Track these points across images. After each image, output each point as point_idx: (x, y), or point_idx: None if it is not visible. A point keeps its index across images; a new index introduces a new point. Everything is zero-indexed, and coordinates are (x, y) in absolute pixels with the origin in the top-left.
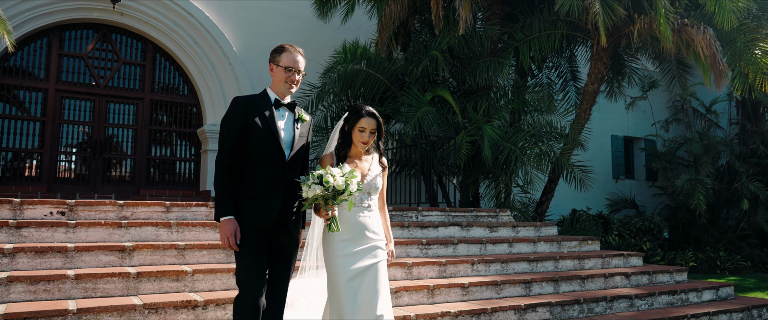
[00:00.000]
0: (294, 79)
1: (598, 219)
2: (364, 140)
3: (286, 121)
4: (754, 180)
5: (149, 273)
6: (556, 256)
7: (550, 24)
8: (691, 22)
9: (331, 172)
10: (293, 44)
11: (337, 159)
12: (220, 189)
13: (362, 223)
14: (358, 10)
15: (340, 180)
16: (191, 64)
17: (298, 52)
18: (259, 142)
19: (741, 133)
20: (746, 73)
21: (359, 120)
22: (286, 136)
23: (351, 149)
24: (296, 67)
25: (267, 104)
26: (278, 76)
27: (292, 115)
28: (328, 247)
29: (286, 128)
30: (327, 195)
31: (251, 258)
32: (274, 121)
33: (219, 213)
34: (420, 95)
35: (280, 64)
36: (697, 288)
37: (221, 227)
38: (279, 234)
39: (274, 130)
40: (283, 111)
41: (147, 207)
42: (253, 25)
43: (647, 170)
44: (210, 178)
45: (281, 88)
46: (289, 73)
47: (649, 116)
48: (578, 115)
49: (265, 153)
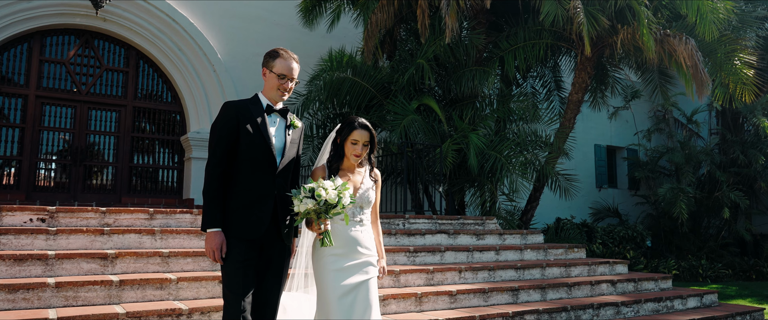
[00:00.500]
0: (287, 86)
1: (582, 227)
2: (356, 153)
3: (278, 128)
4: (735, 189)
5: (132, 280)
6: (543, 264)
7: (535, 34)
8: (673, 33)
9: (323, 185)
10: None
11: (329, 171)
12: (210, 198)
13: (354, 238)
14: (344, 19)
15: (332, 194)
16: (175, 71)
17: (292, 59)
18: (249, 148)
19: (721, 142)
20: (727, 83)
21: (352, 132)
22: (277, 142)
23: (343, 162)
24: (290, 74)
25: (258, 110)
26: (271, 83)
27: (283, 121)
28: (319, 261)
29: (278, 134)
30: (319, 209)
31: (239, 271)
32: (265, 127)
33: (206, 224)
34: (406, 103)
35: (273, 70)
36: (682, 296)
37: (207, 239)
38: (270, 244)
39: (265, 137)
40: (275, 117)
41: (130, 214)
42: (238, 32)
43: (630, 179)
44: (194, 187)
45: (272, 95)
46: (282, 81)
47: (631, 126)
48: (563, 124)
49: (255, 160)
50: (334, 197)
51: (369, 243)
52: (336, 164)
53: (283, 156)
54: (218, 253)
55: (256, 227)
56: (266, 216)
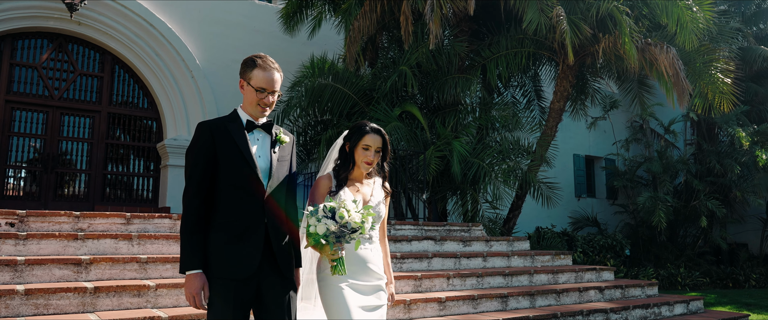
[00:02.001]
0: (268, 101)
1: (563, 236)
2: (368, 159)
3: (260, 145)
4: (711, 198)
5: (108, 287)
6: (531, 270)
7: (517, 42)
8: (654, 42)
9: (346, 206)
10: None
11: (337, 182)
12: (187, 234)
13: (363, 257)
14: (325, 26)
15: (356, 217)
16: (152, 77)
17: (273, 69)
18: (231, 174)
19: (697, 152)
20: (705, 92)
21: (363, 137)
22: (262, 163)
23: (352, 171)
24: (271, 87)
25: (238, 128)
26: (250, 97)
27: (267, 138)
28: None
29: (262, 153)
30: (339, 232)
31: (227, 317)
32: (247, 147)
33: (184, 265)
34: (389, 110)
35: (251, 83)
36: (669, 302)
37: (186, 283)
38: (267, 282)
39: (247, 159)
40: (258, 133)
41: (106, 219)
42: (218, 38)
43: (608, 189)
44: (170, 194)
45: (252, 110)
46: (262, 95)
47: (609, 136)
48: (545, 132)
49: (239, 186)
50: (359, 221)
51: (378, 263)
52: (344, 173)
53: (271, 177)
54: (198, 299)
55: (245, 264)
56: (257, 251)
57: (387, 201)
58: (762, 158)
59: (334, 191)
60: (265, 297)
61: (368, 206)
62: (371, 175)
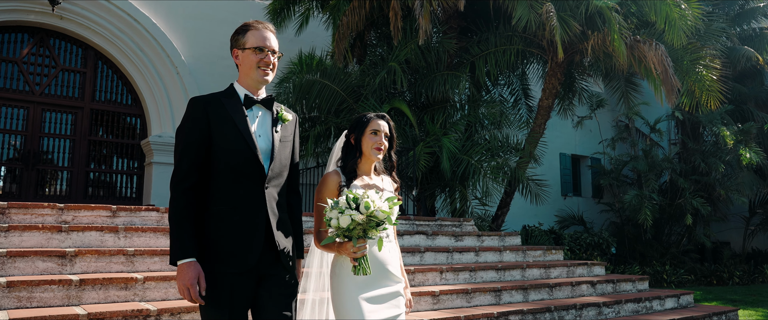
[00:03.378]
0: (269, 60)
1: (550, 234)
2: (378, 144)
3: (261, 123)
4: (696, 196)
5: (94, 280)
6: (523, 265)
7: (506, 39)
8: (643, 39)
9: (368, 194)
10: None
11: (346, 176)
12: (177, 222)
13: (382, 260)
14: (313, 22)
15: (383, 205)
16: (136, 73)
17: (266, 29)
18: (228, 155)
19: (682, 151)
20: (693, 90)
21: (369, 123)
22: (263, 143)
23: (360, 162)
24: (268, 45)
25: (235, 103)
26: (247, 62)
27: (268, 114)
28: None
29: (262, 132)
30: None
31: (224, 313)
32: (245, 124)
33: (175, 255)
34: (377, 106)
35: (246, 47)
36: (660, 297)
37: (179, 274)
38: (269, 275)
39: (246, 138)
40: (257, 109)
41: (91, 211)
42: (203, 34)
43: (594, 187)
44: (154, 193)
45: (253, 78)
46: (262, 55)
47: (595, 135)
48: (533, 129)
49: (237, 169)
50: (386, 209)
51: (396, 264)
52: (352, 166)
53: (272, 159)
54: (194, 290)
55: (245, 255)
56: (258, 241)
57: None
58: (746, 157)
59: (343, 186)
60: (265, 291)
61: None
62: (378, 172)
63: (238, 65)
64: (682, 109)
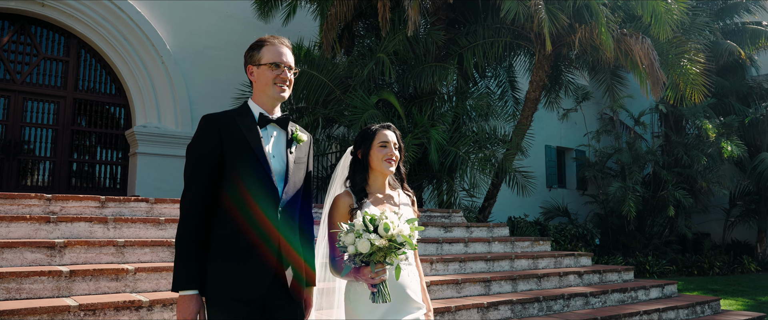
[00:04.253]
0: (285, 76)
1: (536, 225)
2: (389, 155)
3: (276, 143)
4: (679, 188)
5: (84, 271)
6: (512, 256)
7: (494, 31)
8: (629, 32)
9: (386, 215)
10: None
11: (357, 197)
12: (184, 246)
13: (401, 284)
14: (300, 12)
15: (404, 228)
16: (120, 62)
17: (282, 44)
18: (240, 176)
19: (665, 143)
20: (678, 83)
21: (376, 135)
22: (277, 164)
23: (370, 178)
24: (284, 60)
25: (249, 123)
26: (263, 79)
27: (283, 134)
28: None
29: (276, 153)
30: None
31: None
32: (259, 144)
33: (177, 284)
34: (366, 97)
35: (262, 63)
36: (645, 287)
37: (180, 305)
38: (276, 307)
39: (260, 159)
40: (272, 129)
41: (79, 202)
42: (189, 23)
43: (578, 179)
44: (139, 183)
45: (269, 95)
46: (278, 71)
47: (580, 127)
48: (520, 121)
49: (249, 191)
50: (406, 232)
51: (417, 288)
52: (361, 184)
53: (287, 182)
54: None
55: (253, 284)
56: (268, 269)
57: (415, 211)
58: (727, 150)
59: (355, 208)
60: None
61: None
62: (392, 186)
63: (252, 82)
64: (666, 102)
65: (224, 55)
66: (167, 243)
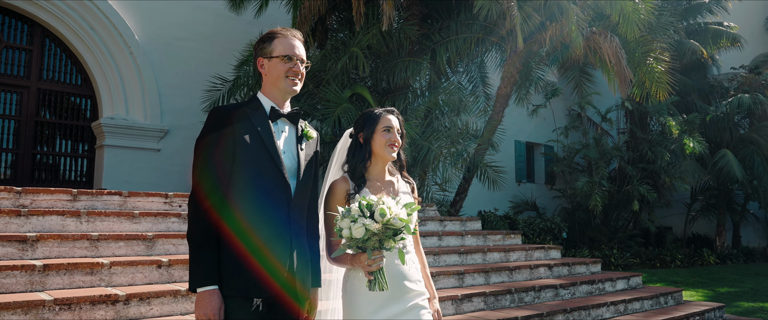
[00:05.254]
0: (298, 70)
1: (505, 219)
2: (392, 140)
3: (287, 140)
4: (643, 183)
5: (58, 265)
6: (484, 249)
7: (467, 27)
8: (598, 31)
9: (383, 200)
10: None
11: (355, 183)
12: (198, 243)
13: (399, 272)
14: (273, 5)
15: (401, 212)
16: (87, 52)
17: (295, 37)
18: (252, 172)
19: (630, 140)
20: (644, 81)
21: (380, 119)
22: (288, 161)
23: (370, 164)
24: (297, 53)
25: (261, 117)
26: (274, 72)
27: (293, 130)
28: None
29: (287, 149)
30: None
31: None
32: (272, 140)
33: (197, 281)
34: (339, 91)
35: (273, 55)
36: (612, 279)
37: (199, 302)
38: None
39: (273, 156)
40: (283, 124)
41: (50, 195)
42: (158, 14)
43: (547, 174)
44: (106, 176)
45: (280, 89)
46: (290, 64)
47: (549, 123)
48: (492, 117)
49: (262, 188)
50: (404, 217)
51: (417, 276)
52: (361, 170)
53: (299, 180)
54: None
55: (267, 281)
56: (279, 267)
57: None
58: (689, 146)
59: (353, 193)
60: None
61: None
62: (391, 172)
63: (262, 75)
64: (632, 99)
65: (194, 47)
66: (142, 237)
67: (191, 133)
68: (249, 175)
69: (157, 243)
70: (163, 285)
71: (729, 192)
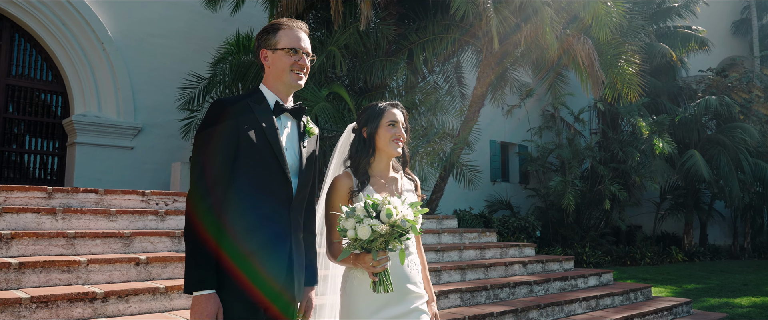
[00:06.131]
0: (303, 63)
1: (480, 218)
2: (397, 135)
3: (289, 136)
4: (614, 183)
5: (34, 263)
6: (460, 246)
7: (444, 28)
8: (572, 33)
9: (389, 200)
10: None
11: (359, 179)
12: (197, 244)
13: (402, 273)
14: (250, 3)
15: (407, 212)
16: (58, 48)
17: (300, 29)
18: (254, 168)
19: (602, 140)
20: (615, 82)
21: (385, 114)
22: (290, 158)
23: (374, 160)
24: (303, 45)
25: (264, 110)
26: (279, 65)
27: (296, 126)
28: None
29: (289, 146)
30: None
31: None
32: (277, 139)
33: (193, 284)
34: (316, 90)
35: (278, 47)
36: (584, 275)
37: (196, 307)
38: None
39: (277, 154)
40: (286, 120)
41: (24, 192)
42: (132, 10)
43: (521, 173)
44: (77, 174)
45: (284, 83)
46: (296, 57)
47: (524, 123)
48: (467, 117)
49: (263, 186)
50: (411, 217)
51: (418, 278)
52: (365, 166)
53: (300, 178)
54: None
55: (267, 282)
56: (282, 266)
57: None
58: (659, 146)
59: (356, 190)
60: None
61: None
62: (395, 168)
63: (266, 67)
64: (604, 100)
65: (169, 44)
66: (120, 235)
67: (165, 131)
68: (251, 173)
69: (134, 241)
70: (142, 283)
71: (696, 192)
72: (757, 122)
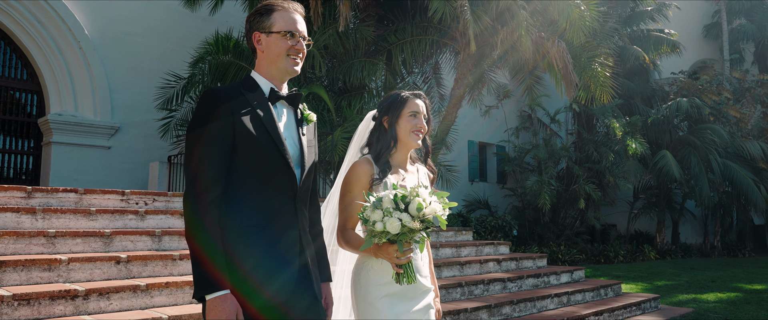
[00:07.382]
0: (300, 47)
1: (458, 217)
2: (418, 127)
3: (287, 125)
4: (589, 183)
5: (15, 262)
6: (436, 245)
7: (422, 30)
8: (547, 36)
9: (418, 192)
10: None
11: (380, 167)
12: (204, 243)
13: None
14: (229, 2)
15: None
16: (33, 46)
17: (296, 11)
18: (254, 161)
19: (578, 140)
20: (589, 85)
21: (407, 103)
22: (290, 147)
23: (395, 150)
24: (299, 28)
25: (259, 98)
26: (274, 49)
27: (292, 113)
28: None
29: (288, 135)
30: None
31: None
32: (275, 128)
33: (204, 286)
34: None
35: (273, 30)
36: (557, 272)
37: (212, 310)
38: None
39: (276, 142)
40: (281, 107)
41: (3, 192)
42: (109, 8)
43: (499, 173)
44: (53, 174)
45: (280, 68)
46: (292, 41)
47: (501, 124)
48: (446, 117)
49: (266, 179)
50: (440, 211)
51: (426, 270)
52: (386, 155)
53: (303, 168)
54: None
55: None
56: (291, 267)
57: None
58: (632, 147)
59: (377, 179)
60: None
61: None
62: (414, 160)
63: (258, 52)
64: (579, 101)
65: (146, 43)
66: (100, 234)
67: (143, 131)
68: (251, 165)
69: (114, 240)
70: (122, 281)
71: (668, 191)
72: (727, 124)
